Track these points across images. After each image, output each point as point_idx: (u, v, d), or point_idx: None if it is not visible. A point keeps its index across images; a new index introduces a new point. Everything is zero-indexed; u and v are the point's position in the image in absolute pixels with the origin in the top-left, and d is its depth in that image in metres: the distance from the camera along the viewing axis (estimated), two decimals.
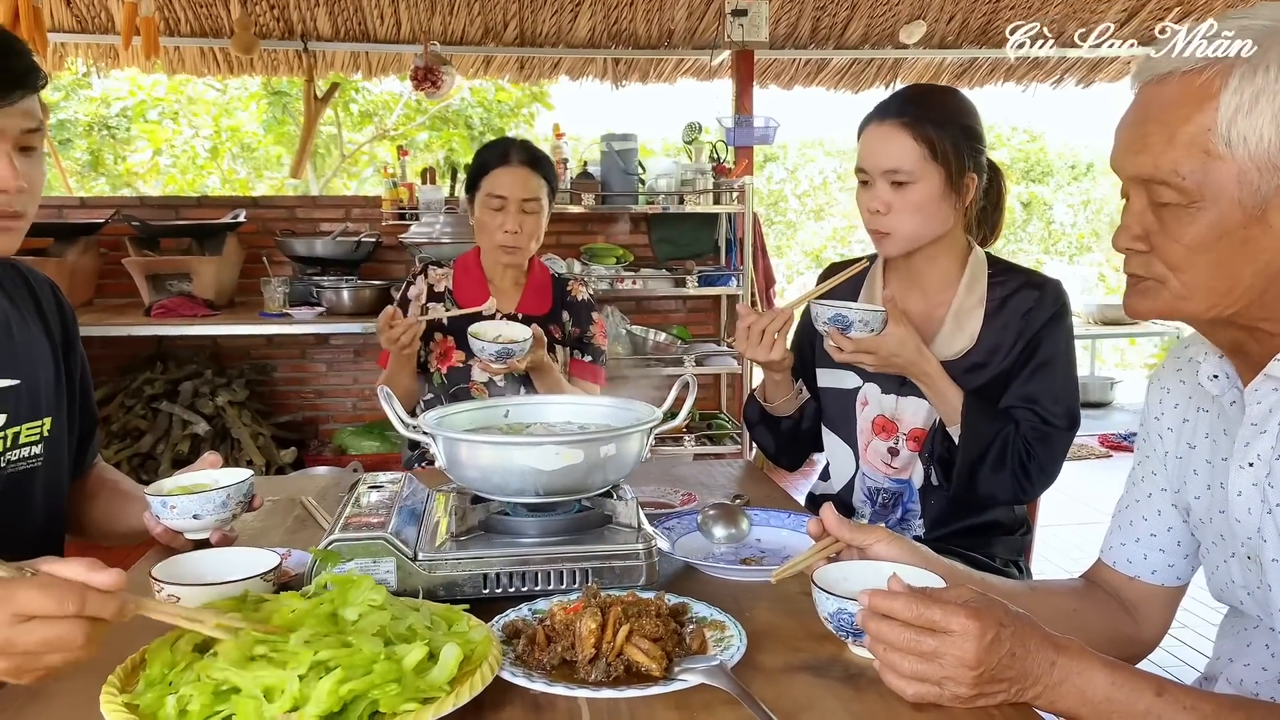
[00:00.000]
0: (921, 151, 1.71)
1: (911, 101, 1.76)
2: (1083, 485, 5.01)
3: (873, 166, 1.75)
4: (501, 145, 2.39)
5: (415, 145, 10.51)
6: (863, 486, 1.91)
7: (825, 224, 14.16)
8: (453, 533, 1.26)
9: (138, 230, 4.30)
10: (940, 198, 1.74)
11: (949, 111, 1.75)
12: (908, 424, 1.83)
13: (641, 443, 1.32)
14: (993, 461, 1.71)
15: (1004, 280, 1.82)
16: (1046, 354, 1.77)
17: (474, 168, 2.41)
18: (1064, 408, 1.76)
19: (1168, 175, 0.95)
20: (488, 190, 2.34)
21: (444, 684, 0.93)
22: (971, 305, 1.81)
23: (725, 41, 4.98)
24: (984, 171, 1.80)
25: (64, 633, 0.86)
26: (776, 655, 1.09)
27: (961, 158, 1.73)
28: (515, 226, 2.32)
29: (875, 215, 1.76)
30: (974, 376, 1.78)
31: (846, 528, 1.16)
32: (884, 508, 1.89)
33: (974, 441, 1.72)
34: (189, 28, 5.42)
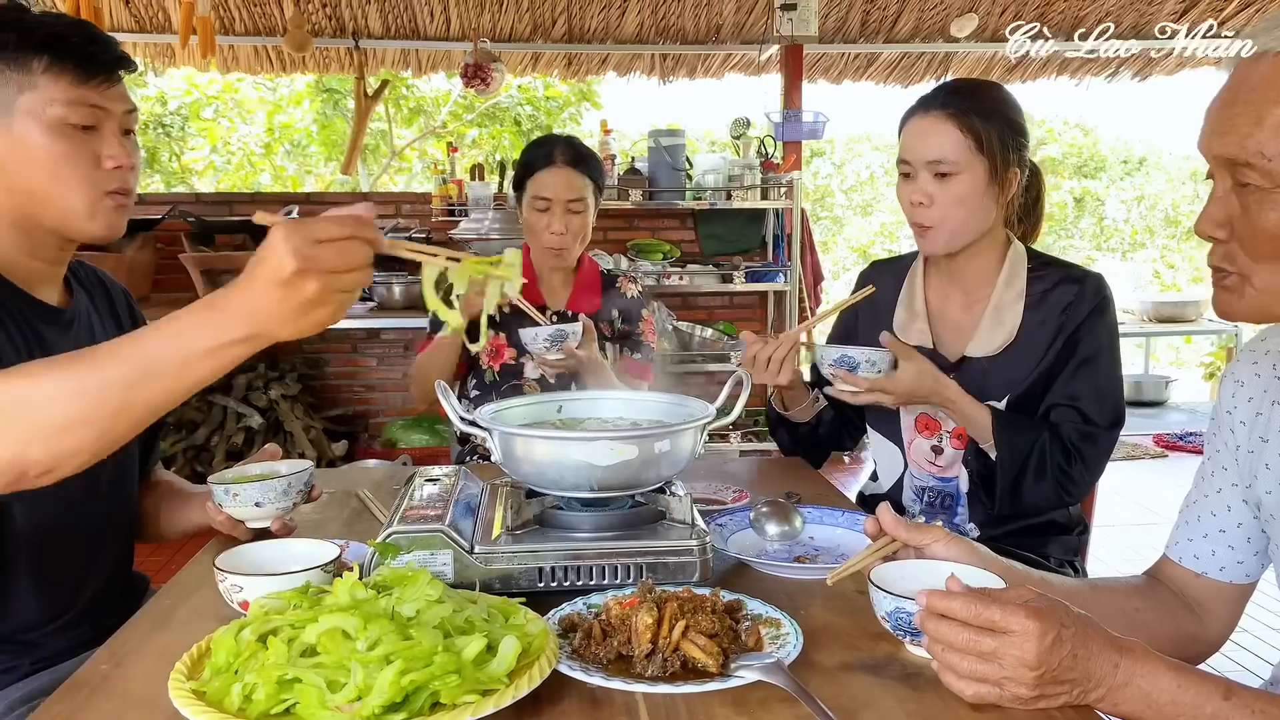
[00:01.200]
0: (967, 142, 1.70)
1: (957, 93, 1.74)
2: (1138, 485, 4.92)
3: (916, 157, 1.74)
4: (546, 145, 2.38)
5: (463, 142, 10.58)
6: (911, 485, 1.90)
7: (872, 219, 14.05)
8: (508, 526, 1.27)
9: (193, 226, 4.38)
10: (984, 191, 1.72)
11: (995, 104, 1.74)
12: (953, 422, 1.81)
13: (695, 439, 1.32)
14: (1033, 472, 1.70)
15: (1043, 274, 1.80)
16: (1088, 350, 1.74)
17: (520, 167, 2.41)
18: (1108, 406, 1.73)
19: (1253, 157, 0.92)
20: (533, 192, 2.34)
21: (503, 676, 0.94)
22: (1010, 300, 1.79)
23: (774, 36, 4.96)
24: (1026, 168, 1.78)
25: (355, 251, 0.98)
26: (833, 654, 1.08)
27: (1006, 151, 1.72)
28: (561, 228, 2.32)
29: (918, 208, 1.75)
30: (1014, 372, 1.76)
31: (903, 527, 1.15)
32: (932, 506, 1.88)
33: (1011, 456, 1.71)
34: (243, 26, 5.51)
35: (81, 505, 1.43)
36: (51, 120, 1.29)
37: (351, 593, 1.03)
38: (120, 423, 1.00)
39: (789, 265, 4.78)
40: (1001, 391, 1.78)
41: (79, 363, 0.99)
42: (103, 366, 0.98)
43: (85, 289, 1.51)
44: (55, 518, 1.38)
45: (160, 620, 1.21)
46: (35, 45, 1.28)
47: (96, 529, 1.47)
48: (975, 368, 1.80)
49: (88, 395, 0.97)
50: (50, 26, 1.31)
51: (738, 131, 4.97)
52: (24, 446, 0.98)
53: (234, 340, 0.98)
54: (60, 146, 1.30)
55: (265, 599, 1.08)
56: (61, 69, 1.29)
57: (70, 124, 1.30)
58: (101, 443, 1.01)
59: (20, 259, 1.35)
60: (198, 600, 1.27)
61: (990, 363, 1.79)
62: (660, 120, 5.02)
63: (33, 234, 1.35)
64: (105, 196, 1.35)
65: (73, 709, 0.98)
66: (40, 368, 1.01)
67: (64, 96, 1.29)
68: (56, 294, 1.43)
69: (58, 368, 0.99)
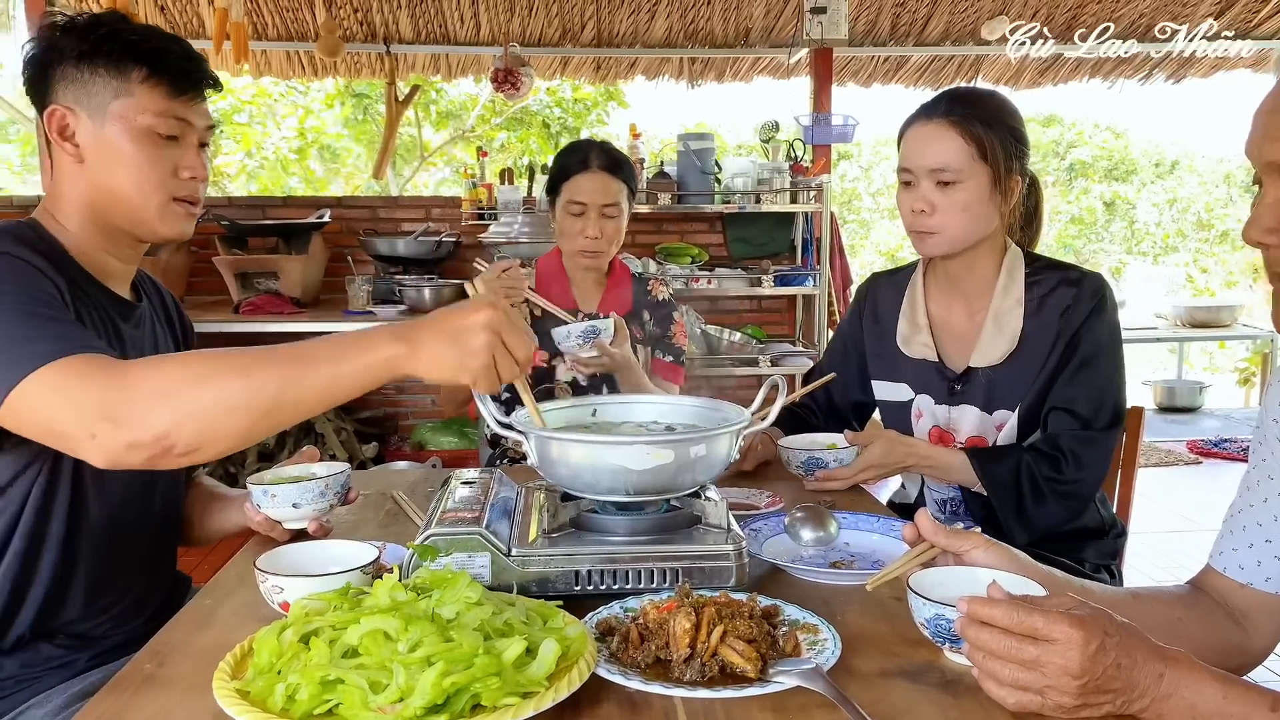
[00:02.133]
0: (970, 150, 1.69)
1: (959, 101, 1.74)
2: (1172, 492, 4.86)
3: (918, 165, 1.73)
4: (582, 150, 2.39)
5: (492, 146, 10.63)
6: (932, 496, 1.90)
7: (899, 223, 13.99)
8: (544, 529, 1.28)
9: (227, 229, 4.42)
10: (986, 198, 1.72)
11: (997, 112, 1.73)
12: (964, 433, 1.81)
13: (731, 444, 1.32)
14: (1031, 497, 1.71)
15: (1041, 278, 1.80)
16: (1087, 352, 1.73)
17: (555, 172, 2.41)
18: (1105, 407, 1.73)
19: None
20: (569, 196, 2.34)
21: (542, 679, 0.94)
22: (1010, 306, 1.78)
23: (804, 39, 4.95)
24: (1027, 176, 1.77)
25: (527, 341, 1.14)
26: (871, 660, 1.08)
27: (1009, 158, 1.72)
28: (596, 232, 2.33)
29: (919, 215, 1.74)
30: (1020, 380, 1.75)
31: (942, 533, 1.15)
32: (955, 515, 1.87)
33: (1002, 490, 1.72)
34: (276, 32, 5.56)
35: (142, 502, 1.47)
36: (141, 128, 1.37)
37: (392, 594, 1.04)
38: (268, 418, 1.08)
39: (818, 269, 4.77)
40: (1010, 401, 1.78)
41: (245, 356, 1.07)
42: (267, 363, 1.06)
43: (147, 295, 1.57)
44: (121, 512, 1.42)
45: (202, 620, 1.22)
46: (137, 56, 1.36)
47: (152, 526, 1.51)
48: (981, 378, 1.80)
49: (249, 388, 1.05)
50: (152, 40, 1.38)
51: (766, 135, 4.97)
52: (177, 425, 1.05)
53: (384, 359, 1.08)
54: (144, 153, 1.37)
55: (306, 600, 1.10)
56: (157, 81, 1.37)
57: (157, 134, 1.38)
58: (245, 434, 1.10)
59: (98, 255, 1.42)
60: (238, 601, 1.29)
61: (995, 372, 1.78)
62: (687, 122, 5.04)
63: (108, 230, 1.41)
64: (175, 203, 1.41)
65: (118, 707, 1.00)
66: (207, 356, 1.09)
67: (156, 108, 1.37)
68: (127, 292, 1.49)
69: (225, 358, 1.07)
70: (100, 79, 1.35)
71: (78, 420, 1.07)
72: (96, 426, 1.06)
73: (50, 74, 1.37)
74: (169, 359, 1.12)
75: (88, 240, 1.40)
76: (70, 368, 1.09)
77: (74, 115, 1.36)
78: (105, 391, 1.06)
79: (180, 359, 1.11)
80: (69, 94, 1.36)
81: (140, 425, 1.05)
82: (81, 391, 1.07)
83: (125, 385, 1.07)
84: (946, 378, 1.83)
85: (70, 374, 1.08)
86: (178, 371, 1.08)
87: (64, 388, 1.08)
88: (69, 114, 1.36)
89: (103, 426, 1.06)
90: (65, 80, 1.36)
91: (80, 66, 1.35)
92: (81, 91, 1.35)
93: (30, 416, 1.10)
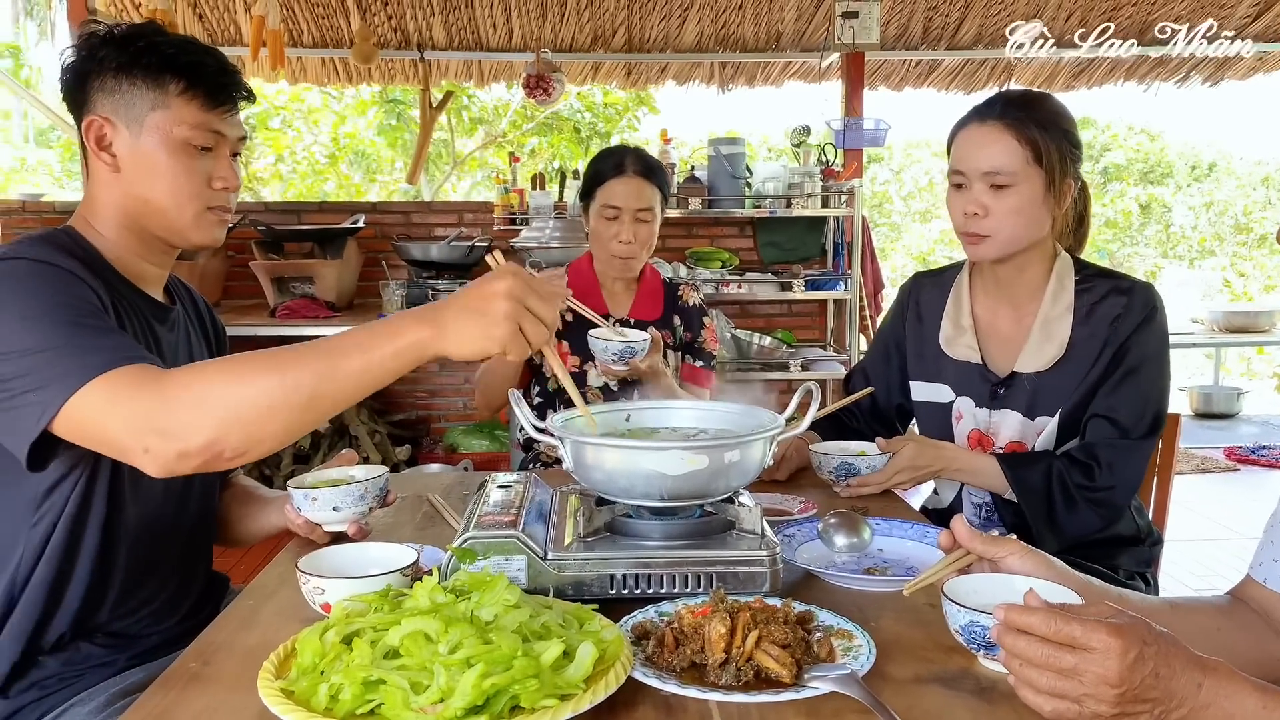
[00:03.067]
0: (1025, 154, 1.68)
1: (1014, 103, 1.73)
2: (1209, 500, 4.81)
3: (971, 168, 1.73)
4: (616, 155, 2.41)
5: (523, 151, 10.69)
6: (969, 500, 1.89)
7: (931, 226, 13.90)
8: (580, 533, 1.29)
9: (263, 234, 4.48)
10: (1039, 202, 1.71)
11: (1052, 115, 1.73)
12: (1004, 437, 1.80)
13: (765, 450, 1.33)
14: (1062, 504, 1.69)
15: (1091, 286, 1.78)
16: (1134, 361, 1.72)
17: (589, 177, 2.44)
18: (1145, 415, 1.72)
19: None
20: (603, 200, 2.37)
21: (580, 681, 0.96)
22: (1059, 313, 1.77)
23: (835, 44, 4.94)
24: (1079, 180, 1.76)
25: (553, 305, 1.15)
26: (906, 666, 1.08)
27: (1064, 162, 1.71)
28: (630, 236, 2.35)
29: (971, 218, 1.73)
30: (1065, 387, 1.74)
31: (979, 540, 1.15)
32: (991, 521, 1.86)
33: (1032, 496, 1.71)
34: (311, 39, 5.63)
35: (178, 502, 1.49)
36: (177, 140, 1.39)
37: (431, 596, 1.06)
38: (308, 412, 1.12)
39: (849, 273, 4.76)
40: (1052, 407, 1.77)
41: (278, 355, 1.11)
42: (301, 360, 1.10)
43: (179, 299, 1.60)
44: (157, 512, 1.44)
45: (245, 621, 1.25)
46: (175, 69, 1.38)
47: (188, 526, 1.53)
48: (1024, 383, 1.79)
49: (285, 385, 1.09)
50: (190, 53, 1.40)
51: (798, 139, 4.96)
52: (223, 430, 1.09)
53: (411, 343, 1.11)
54: (180, 164, 1.40)
55: (347, 601, 1.12)
56: (194, 94, 1.39)
57: (192, 145, 1.40)
58: (289, 431, 1.14)
59: (133, 260, 1.44)
60: (279, 602, 1.31)
61: (1040, 378, 1.77)
62: (717, 126, 5.05)
63: (142, 236, 1.44)
64: (208, 211, 1.44)
65: (166, 705, 1.02)
66: (242, 359, 1.13)
67: (192, 120, 1.39)
68: (161, 295, 1.52)
69: (260, 359, 1.11)
70: (138, 91, 1.37)
71: (129, 434, 1.11)
72: (148, 440, 1.10)
73: (89, 84, 1.39)
74: (206, 366, 1.15)
75: (124, 246, 1.42)
76: (120, 379, 1.12)
77: (111, 126, 1.38)
78: (151, 404, 1.10)
79: (216, 365, 1.15)
80: (107, 105, 1.38)
81: (187, 435, 1.09)
82: (131, 404, 1.11)
83: (168, 397, 1.10)
84: (989, 381, 1.82)
85: (119, 385, 1.12)
86: (216, 377, 1.12)
87: (115, 400, 1.12)
88: (107, 125, 1.38)
89: (152, 440, 1.10)
90: (104, 91, 1.38)
91: (119, 78, 1.37)
92: (120, 103, 1.38)
93: (87, 428, 1.14)
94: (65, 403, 1.12)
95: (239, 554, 3.92)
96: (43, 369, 1.14)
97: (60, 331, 1.17)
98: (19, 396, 1.14)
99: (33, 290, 1.22)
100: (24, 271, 1.24)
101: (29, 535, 1.30)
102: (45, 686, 1.33)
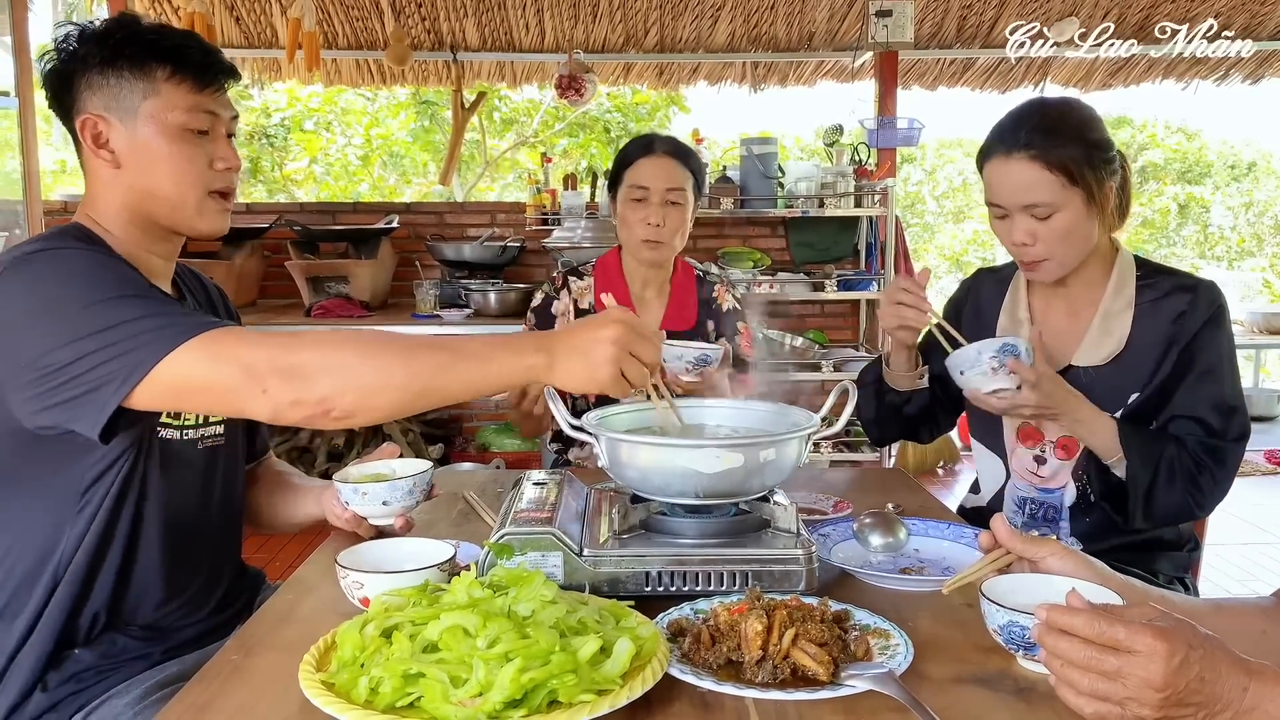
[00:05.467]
0: (1058, 180, 1.64)
1: (1035, 129, 1.66)
2: (1248, 503, 4.73)
3: (1010, 202, 1.69)
4: (645, 137, 2.31)
5: (554, 151, 10.72)
6: (1013, 496, 1.87)
7: (965, 226, 13.78)
8: (615, 531, 1.29)
9: (298, 235, 4.52)
10: (1085, 219, 1.68)
11: (1075, 129, 1.67)
12: (1054, 431, 1.78)
13: (800, 448, 1.33)
14: (1164, 481, 1.65)
15: (1153, 282, 1.75)
16: (1208, 362, 1.69)
17: (616, 163, 2.32)
18: (1233, 419, 1.68)
19: None
20: (630, 181, 2.24)
21: (617, 677, 0.96)
22: (1120, 308, 1.75)
23: (869, 42, 4.91)
24: (1117, 172, 1.73)
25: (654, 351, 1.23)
26: (943, 666, 1.08)
27: (1098, 171, 1.66)
28: (659, 219, 2.20)
29: (1023, 248, 1.71)
30: (1122, 383, 1.72)
31: (1018, 540, 1.14)
32: (1034, 518, 1.84)
33: (1142, 465, 1.66)
34: (346, 41, 5.67)
35: (203, 489, 1.50)
36: (174, 125, 1.38)
37: (469, 591, 1.06)
38: (417, 399, 1.20)
39: (882, 273, 4.73)
40: (1109, 403, 1.74)
41: (407, 340, 1.19)
42: (427, 349, 1.18)
43: (187, 287, 1.59)
44: (186, 498, 1.45)
45: (284, 614, 1.26)
46: (159, 55, 1.37)
47: (214, 514, 1.53)
48: (1080, 377, 1.76)
49: (409, 368, 1.17)
50: (170, 38, 1.40)
51: (831, 139, 4.94)
52: (339, 392, 1.16)
53: (528, 365, 1.19)
54: (181, 149, 1.39)
55: (386, 595, 1.13)
56: (182, 77, 1.38)
57: (189, 129, 1.39)
58: (394, 410, 1.21)
59: (140, 254, 1.43)
60: (318, 596, 1.32)
61: (1096, 372, 1.75)
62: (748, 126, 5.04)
63: (148, 229, 1.43)
64: (211, 197, 1.44)
65: (209, 696, 1.03)
66: (374, 335, 1.20)
67: (184, 103, 1.39)
68: (169, 288, 1.51)
69: (388, 338, 1.19)
70: (126, 83, 1.36)
71: (247, 377, 1.16)
72: (269, 382, 1.15)
73: (75, 84, 1.38)
74: (335, 332, 1.20)
75: (130, 241, 1.42)
76: (229, 335, 1.18)
77: (106, 122, 1.37)
78: (277, 351, 1.16)
79: (346, 333, 1.21)
80: (97, 102, 1.37)
81: (310, 385, 1.15)
82: (253, 351, 1.16)
83: (296, 347, 1.17)
84: None
85: (230, 340, 1.18)
86: (346, 342, 1.18)
87: (226, 351, 1.17)
88: (101, 121, 1.37)
89: (274, 381, 1.15)
90: (91, 89, 1.37)
91: (105, 73, 1.36)
92: (110, 98, 1.36)
93: (185, 384, 1.18)
94: (157, 364, 1.15)
95: (274, 549, 3.98)
96: (121, 341, 1.16)
97: (128, 306, 1.20)
98: (92, 372, 1.16)
99: (87, 276, 1.24)
100: (75, 260, 1.26)
101: (73, 524, 1.32)
102: (82, 680, 1.35)
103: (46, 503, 1.32)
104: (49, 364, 1.17)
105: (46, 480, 1.31)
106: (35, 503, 1.32)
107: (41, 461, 1.30)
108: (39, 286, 1.23)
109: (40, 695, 1.32)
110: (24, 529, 1.33)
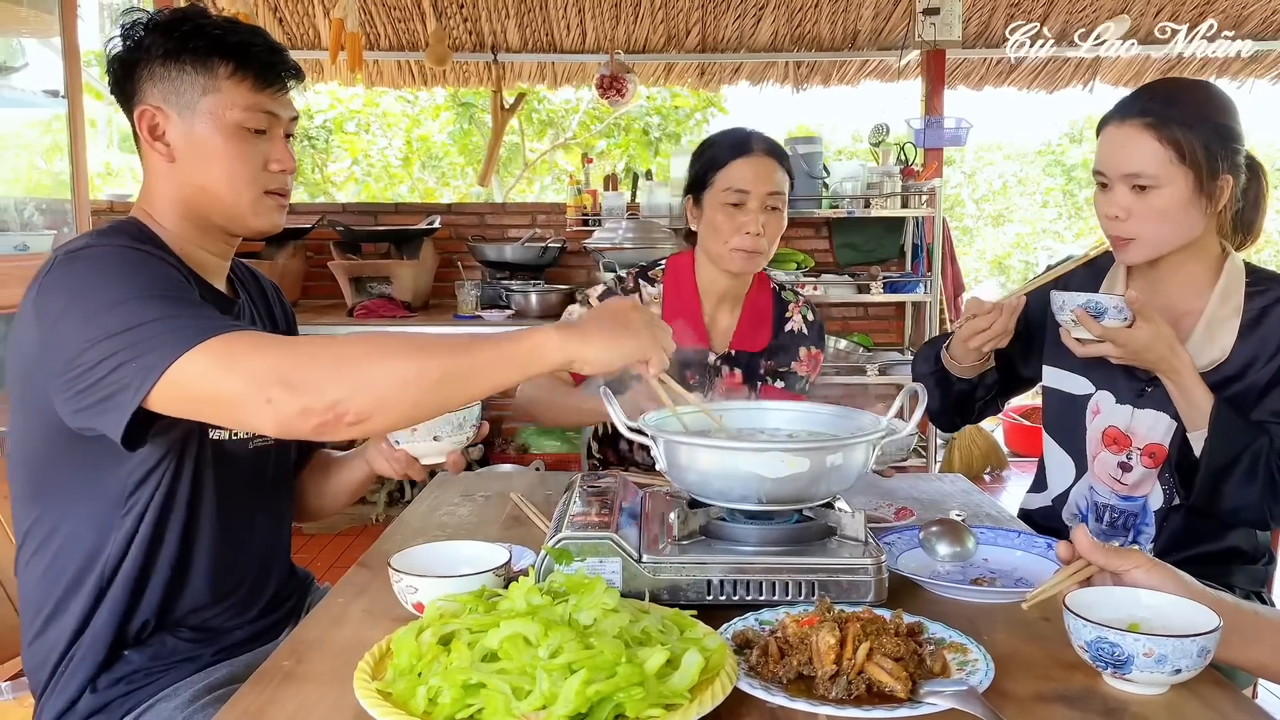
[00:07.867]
0: (1167, 154, 1.58)
1: (1156, 99, 1.62)
2: None
3: (1112, 170, 1.63)
4: (736, 134, 2.07)
5: (593, 152, 10.71)
6: (1090, 501, 1.80)
7: (1005, 230, 13.59)
8: (674, 536, 1.25)
9: (341, 235, 4.53)
10: (1188, 203, 1.60)
11: (1199, 108, 1.60)
12: (1143, 438, 1.70)
13: (867, 454, 1.28)
14: (1242, 473, 1.57)
15: (1264, 290, 1.67)
16: None
17: (701, 164, 2.07)
18: None
19: None
20: (725, 184, 2.00)
21: (685, 691, 0.92)
22: (1226, 315, 1.67)
23: (915, 41, 4.84)
24: (1241, 172, 1.64)
25: None
26: (1025, 683, 1.03)
27: (1214, 159, 1.58)
28: (759, 227, 1.98)
29: (1114, 221, 1.65)
30: (1224, 391, 1.64)
31: (1101, 552, 1.09)
32: (1112, 526, 1.77)
33: (1221, 449, 1.58)
34: (388, 42, 5.69)
35: (254, 490, 1.48)
36: (231, 123, 1.35)
37: (528, 598, 1.03)
38: (436, 393, 1.15)
39: (929, 276, 4.65)
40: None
41: (418, 337, 1.15)
42: (440, 352, 1.13)
43: (243, 285, 1.57)
44: (233, 501, 1.42)
45: (335, 618, 1.23)
46: (223, 51, 1.34)
47: (264, 515, 1.51)
48: None
49: (422, 371, 1.12)
50: (236, 34, 1.37)
51: (876, 139, 4.87)
52: (352, 395, 1.10)
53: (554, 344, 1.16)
54: (236, 148, 1.36)
55: (440, 601, 1.09)
56: (244, 76, 1.35)
57: (246, 128, 1.36)
58: (411, 413, 1.19)
59: (194, 250, 1.41)
60: (369, 599, 1.29)
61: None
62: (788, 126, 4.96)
63: (202, 226, 1.41)
64: (266, 195, 1.41)
65: (262, 703, 1.01)
66: (382, 336, 1.17)
67: (244, 102, 1.35)
68: (224, 286, 1.49)
69: (405, 343, 1.14)
70: (188, 76, 1.34)
71: (252, 386, 1.09)
72: (272, 391, 1.08)
73: (137, 74, 1.36)
74: (343, 337, 1.16)
75: (184, 236, 1.40)
76: (236, 340, 1.12)
77: (163, 115, 1.35)
78: (280, 359, 1.10)
79: (356, 337, 1.16)
80: (157, 93, 1.35)
81: (317, 392, 1.08)
82: (255, 360, 1.10)
83: (299, 354, 1.11)
84: (1139, 378, 1.72)
85: (237, 345, 1.11)
86: (350, 345, 1.14)
87: (234, 357, 1.10)
88: (158, 113, 1.35)
89: (277, 391, 1.08)
90: (152, 80, 1.35)
91: (167, 65, 1.34)
92: (170, 90, 1.34)
93: (194, 391, 1.12)
94: (168, 367, 1.10)
95: (315, 549, 3.98)
96: (139, 343, 1.12)
97: (152, 306, 1.15)
98: (113, 374, 1.13)
99: (119, 275, 1.21)
100: (112, 258, 1.24)
101: (119, 526, 1.30)
102: (132, 681, 1.33)
103: (91, 507, 1.31)
104: (80, 364, 1.15)
105: (92, 482, 1.30)
106: (79, 507, 1.31)
107: (86, 463, 1.28)
108: (76, 284, 1.21)
109: (90, 697, 1.31)
110: (71, 531, 1.32)
